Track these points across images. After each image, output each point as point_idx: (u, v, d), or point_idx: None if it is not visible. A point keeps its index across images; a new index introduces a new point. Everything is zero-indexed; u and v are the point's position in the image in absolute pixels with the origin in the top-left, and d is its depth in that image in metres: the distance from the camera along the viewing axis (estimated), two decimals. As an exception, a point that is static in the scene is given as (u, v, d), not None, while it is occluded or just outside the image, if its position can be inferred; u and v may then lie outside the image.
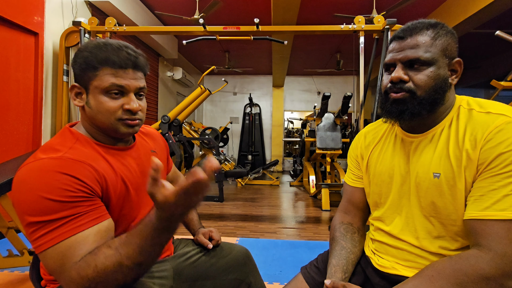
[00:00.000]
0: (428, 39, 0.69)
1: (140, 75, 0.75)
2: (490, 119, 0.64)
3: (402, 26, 0.74)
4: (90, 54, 0.70)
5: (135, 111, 0.73)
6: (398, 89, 0.71)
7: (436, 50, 0.69)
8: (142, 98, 0.77)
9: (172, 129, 4.22)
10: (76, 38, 3.20)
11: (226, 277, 0.95)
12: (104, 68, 0.70)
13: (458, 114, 0.70)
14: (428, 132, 0.73)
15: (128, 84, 0.72)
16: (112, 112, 0.71)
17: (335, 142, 4.11)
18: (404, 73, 0.70)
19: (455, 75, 0.72)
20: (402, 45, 0.71)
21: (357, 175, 0.91)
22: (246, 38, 3.30)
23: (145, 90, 0.77)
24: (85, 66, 0.71)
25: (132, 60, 0.72)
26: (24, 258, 1.67)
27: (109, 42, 0.72)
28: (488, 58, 6.55)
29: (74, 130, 0.75)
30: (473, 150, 0.64)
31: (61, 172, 0.62)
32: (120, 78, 0.71)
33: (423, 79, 0.69)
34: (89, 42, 0.74)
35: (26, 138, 2.92)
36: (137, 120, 0.75)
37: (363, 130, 0.93)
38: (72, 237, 0.60)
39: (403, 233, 0.76)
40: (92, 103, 0.72)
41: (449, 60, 0.70)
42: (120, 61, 0.70)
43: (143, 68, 0.76)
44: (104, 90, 0.70)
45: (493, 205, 0.60)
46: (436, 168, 0.69)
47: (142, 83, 0.75)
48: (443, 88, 0.69)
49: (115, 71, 0.70)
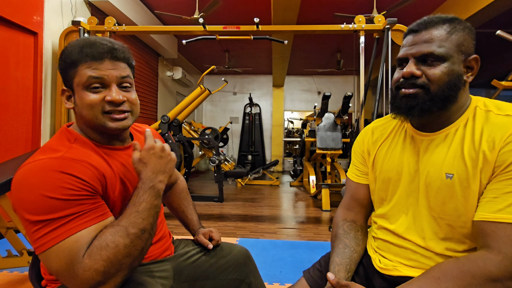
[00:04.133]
0: (443, 33, 0.67)
1: (122, 65, 0.73)
2: (509, 122, 0.63)
3: (417, 20, 0.72)
4: (68, 54, 0.71)
5: (118, 102, 0.71)
6: (410, 85, 0.69)
7: (451, 45, 0.67)
8: (129, 90, 0.75)
9: (172, 129, 4.21)
10: (76, 38, 3.19)
11: (226, 277, 0.94)
12: (81, 64, 0.70)
13: (475, 114, 0.69)
14: (442, 131, 0.71)
15: (106, 75, 0.70)
16: (93, 105, 0.70)
17: (336, 142, 4.10)
18: (417, 68, 0.68)
19: (471, 73, 0.70)
20: (416, 39, 0.69)
21: (362, 171, 0.89)
22: (246, 37, 3.29)
23: (129, 80, 0.75)
24: (65, 66, 0.71)
25: (107, 50, 0.71)
26: (23, 258, 1.66)
27: (85, 38, 0.73)
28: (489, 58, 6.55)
29: (72, 130, 0.75)
30: (490, 151, 0.63)
31: (63, 172, 0.62)
32: (96, 70, 0.69)
33: (437, 74, 0.67)
34: (69, 43, 0.74)
35: (25, 138, 2.91)
36: (124, 113, 0.73)
37: (370, 125, 0.91)
38: (78, 233, 0.60)
39: (408, 232, 0.74)
40: (77, 102, 0.71)
41: (465, 57, 0.68)
42: (94, 53, 0.70)
43: (124, 58, 0.74)
44: (84, 86, 0.70)
45: (507, 207, 0.59)
46: (449, 169, 0.68)
47: (124, 73, 0.73)
48: (457, 85, 0.67)
49: (91, 63, 0.69)
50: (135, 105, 0.76)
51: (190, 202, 1.10)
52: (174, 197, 1.09)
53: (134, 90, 0.77)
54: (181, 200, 1.08)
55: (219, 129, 5.90)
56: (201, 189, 5.20)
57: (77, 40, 0.73)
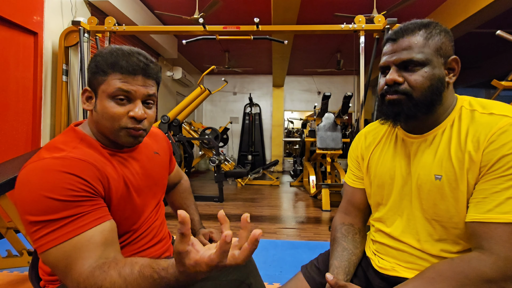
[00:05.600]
0: (420, 40, 0.68)
1: (151, 82, 0.73)
2: (493, 121, 0.63)
3: (394, 28, 0.74)
4: (102, 59, 0.70)
5: (140, 119, 0.71)
6: (393, 92, 0.71)
7: (429, 50, 0.68)
8: (151, 107, 0.75)
9: (172, 129, 4.21)
10: (76, 38, 3.19)
11: (226, 278, 0.94)
12: (113, 73, 0.69)
13: (460, 115, 0.69)
14: (429, 133, 0.72)
15: (135, 90, 0.70)
16: (116, 118, 0.69)
17: (336, 142, 4.10)
18: (399, 75, 0.70)
19: (452, 74, 0.71)
20: (395, 47, 0.71)
21: (358, 175, 0.91)
22: (246, 37, 3.29)
23: (154, 98, 0.74)
24: (96, 70, 0.70)
25: (142, 67, 0.70)
26: (23, 258, 1.66)
27: (121, 47, 0.72)
28: (489, 58, 6.55)
29: (79, 130, 0.74)
30: (475, 152, 0.63)
31: (64, 172, 0.62)
32: (127, 84, 0.69)
33: (418, 79, 0.68)
34: (105, 47, 0.73)
35: (25, 138, 2.91)
36: (141, 131, 0.73)
37: (363, 131, 0.93)
38: (76, 237, 0.60)
39: (404, 235, 0.75)
40: (98, 108, 0.71)
41: (445, 59, 0.69)
42: (129, 67, 0.69)
43: (155, 76, 0.73)
44: (110, 95, 0.69)
45: (496, 207, 0.59)
46: (437, 170, 0.68)
47: (151, 91, 0.72)
48: (439, 89, 0.68)
49: (123, 76, 0.69)
50: (151, 123, 0.76)
51: (192, 202, 1.10)
52: (177, 196, 1.09)
53: (154, 107, 0.77)
54: (183, 200, 1.08)
55: (219, 129, 5.90)
56: (201, 189, 5.20)
57: (113, 48, 0.72)
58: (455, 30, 4.14)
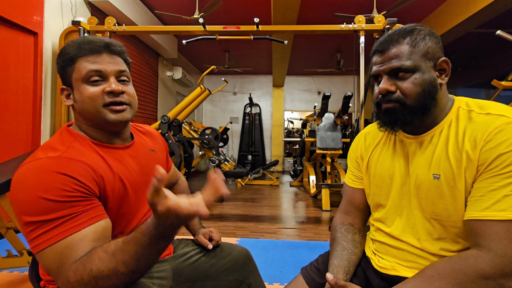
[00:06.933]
0: (406, 48, 0.69)
1: (118, 60, 0.75)
2: (490, 120, 0.64)
3: (380, 39, 0.75)
4: (66, 52, 0.73)
5: (117, 92, 0.72)
6: (387, 101, 0.72)
7: (417, 57, 0.69)
8: (127, 84, 0.77)
9: (172, 129, 4.21)
10: (76, 38, 3.19)
11: (226, 278, 0.94)
12: (79, 59, 0.72)
13: (458, 115, 0.70)
14: (428, 133, 0.73)
15: (105, 68, 0.72)
16: (94, 97, 0.71)
17: (336, 142, 4.10)
18: (391, 83, 0.71)
19: (444, 74, 0.72)
20: (383, 58, 0.72)
21: (357, 176, 0.91)
22: (246, 37, 3.29)
23: (127, 74, 0.77)
24: (63, 64, 0.73)
25: (104, 45, 0.73)
26: (23, 258, 1.66)
27: (82, 37, 0.76)
28: (489, 58, 6.54)
29: (72, 129, 0.75)
30: (473, 151, 0.64)
31: (58, 172, 0.62)
32: (96, 64, 0.72)
33: (410, 87, 0.69)
34: (66, 43, 0.76)
35: (25, 138, 2.91)
36: (123, 105, 0.74)
37: (363, 131, 0.94)
38: (69, 237, 0.60)
39: (404, 234, 0.76)
40: (77, 97, 0.73)
41: (434, 62, 0.70)
42: (92, 47, 0.72)
43: (120, 53, 0.76)
44: (84, 79, 0.71)
45: (493, 205, 0.60)
46: (436, 170, 0.69)
47: (122, 67, 0.75)
48: (432, 92, 0.70)
49: (90, 57, 0.72)
50: (133, 98, 0.78)
51: None
52: None
53: (131, 85, 0.78)
54: None
55: (219, 129, 5.90)
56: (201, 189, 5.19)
57: (73, 40, 0.75)
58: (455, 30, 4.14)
